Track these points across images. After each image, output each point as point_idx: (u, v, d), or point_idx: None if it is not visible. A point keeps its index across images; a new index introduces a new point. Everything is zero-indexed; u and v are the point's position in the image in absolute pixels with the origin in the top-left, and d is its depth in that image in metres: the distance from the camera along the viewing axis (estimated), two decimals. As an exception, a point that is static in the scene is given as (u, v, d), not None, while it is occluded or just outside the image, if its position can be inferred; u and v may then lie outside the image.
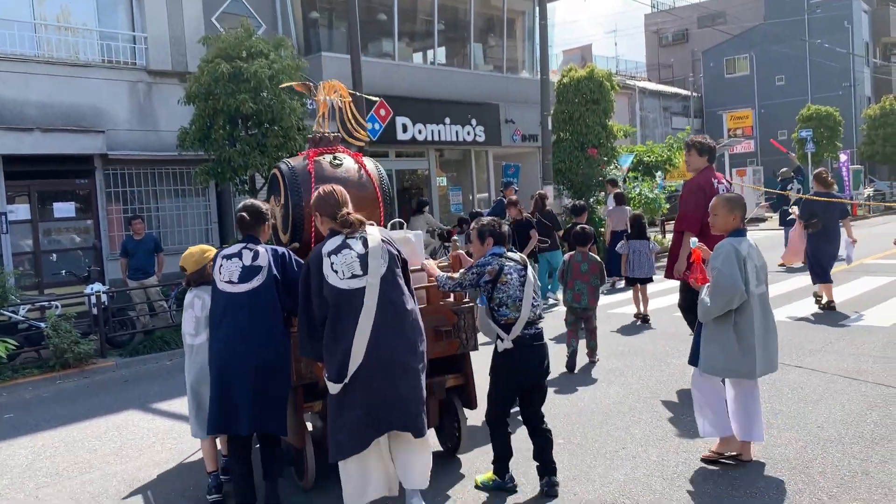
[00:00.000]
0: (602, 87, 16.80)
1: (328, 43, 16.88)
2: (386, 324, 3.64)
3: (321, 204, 3.85)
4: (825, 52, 38.78)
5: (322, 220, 3.87)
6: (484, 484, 4.27)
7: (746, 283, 4.20)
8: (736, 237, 4.35)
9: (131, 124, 12.62)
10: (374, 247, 3.71)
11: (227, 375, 4.01)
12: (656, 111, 36.97)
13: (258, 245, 4.22)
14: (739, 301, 4.20)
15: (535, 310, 4.20)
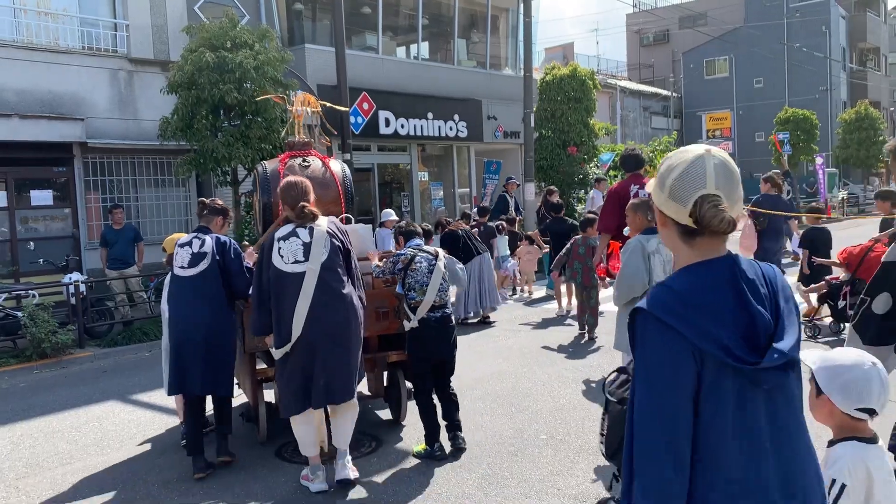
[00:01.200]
0: (584, 86, 16.92)
1: (312, 35, 16.80)
2: (322, 304, 4.15)
3: (284, 193, 4.35)
4: (803, 56, 39.30)
5: (283, 207, 4.38)
6: (418, 453, 4.87)
7: (651, 274, 4.82)
8: (645, 235, 4.96)
9: (111, 112, 12.47)
10: (318, 237, 4.21)
11: (180, 346, 4.76)
12: (636, 111, 37.22)
13: (206, 235, 4.93)
14: (641, 290, 4.71)
15: (442, 295, 4.88)
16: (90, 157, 12.35)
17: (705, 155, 1.72)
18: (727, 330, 1.61)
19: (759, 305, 1.65)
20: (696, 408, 1.61)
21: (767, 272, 1.75)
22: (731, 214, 1.67)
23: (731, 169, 1.72)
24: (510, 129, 19.89)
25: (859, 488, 1.95)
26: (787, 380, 1.67)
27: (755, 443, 1.63)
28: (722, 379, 1.61)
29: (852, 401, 2.01)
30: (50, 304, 9.05)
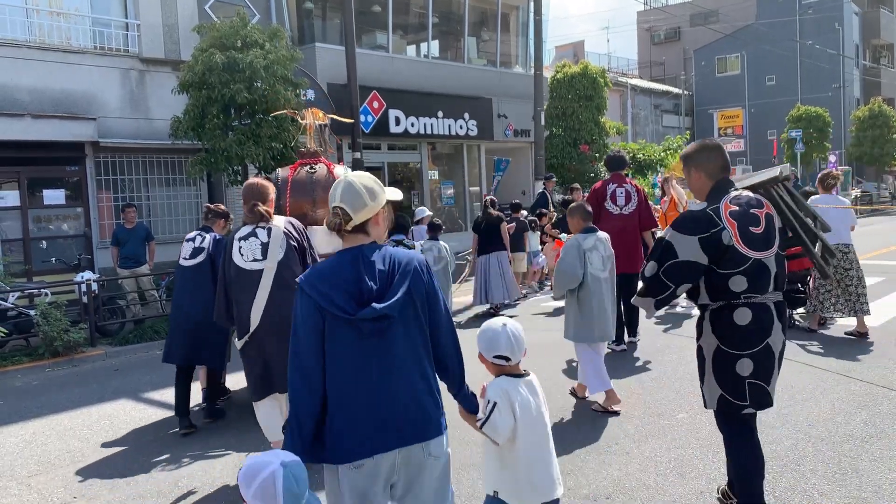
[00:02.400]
0: (595, 84, 16.88)
1: (322, 34, 16.82)
2: (279, 298, 4.38)
3: (244, 193, 4.68)
4: (816, 53, 39.03)
5: (244, 207, 4.66)
6: None
7: (586, 268, 5.43)
8: (582, 234, 5.57)
9: (123, 112, 12.53)
10: (275, 237, 4.51)
11: (173, 323, 5.83)
12: (647, 109, 37.09)
13: (207, 234, 5.94)
14: (575, 283, 5.46)
15: None
16: (102, 157, 12.42)
17: (340, 180, 2.55)
18: (340, 293, 2.41)
19: (370, 278, 2.43)
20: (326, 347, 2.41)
21: (396, 256, 2.51)
22: (347, 220, 2.48)
23: (354, 189, 2.51)
24: (520, 128, 19.85)
25: (506, 405, 2.78)
26: (388, 328, 2.42)
27: (364, 372, 2.40)
28: (337, 327, 2.40)
29: (490, 350, 2.84)
30: (62, 303, 9.10)
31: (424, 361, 2.53)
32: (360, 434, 2.40)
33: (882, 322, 8.24)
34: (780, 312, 3.39)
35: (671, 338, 8.00)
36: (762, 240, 3.31)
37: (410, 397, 2.47)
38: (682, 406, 5.56)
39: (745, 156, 39.58)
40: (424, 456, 2.48)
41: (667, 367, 6.73)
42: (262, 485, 2.06)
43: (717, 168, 3.50)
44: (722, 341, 3.38)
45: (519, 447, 2.79)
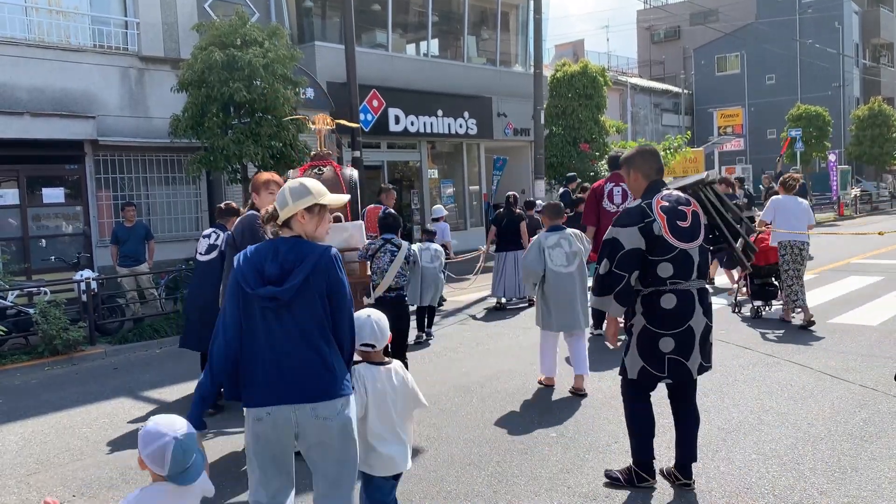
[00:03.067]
0: (595, 83, 16.87)
1: (321, 32, 16.80)
2: None
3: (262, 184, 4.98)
4: (815, 53, 39.01)
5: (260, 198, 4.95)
6: None
7: (547, 263, 5.98)
8: (547, 232, 6.14)
9: (122, 110, 12.52)
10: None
11: (188, 313, 6.65)
12: (647, 108, 37.08)
13: (222, 231, 6.45)
14: (536, 277, 6.05)
15: (399, 280, 5.95)
16: (101, 155, 12.41)
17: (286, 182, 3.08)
18: (251, 271, 2.91)
19: (275, 264, 2.91)
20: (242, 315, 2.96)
21: (306, 250, 2.95)
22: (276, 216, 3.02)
23: (283, 191, 3.01)
24: (520, 126, 19.84)
25: (360, 389, 3.23)
26: (283, 307, 2.89)
27: (263, 340, 2.92)
28: (250, 301, 2.92)
29: (357, 339, 3.16)
30: (62, 301, 9.08)
31: (319, 339, 2.94)
32: (258, 389, 2.93)
33: (881, 321, 8.25)
34: (701, 298, 3.93)
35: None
36: (688, 232, 3.86)
37: (302, 366, 2.90)
38: (681, 405, 5.56)
39: (744, 154, 39.57)
40: (313, 416, 2.89)
41: (666, 366, 6.72)
42: (154, 451, 2.45)
43: (652, 170, 4.05)
44: (649, 322, 3.94)
45: (369, 425, 3.27)
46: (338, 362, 2.97)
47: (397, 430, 3.33)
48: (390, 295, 5.93)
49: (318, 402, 2.89)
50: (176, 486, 2.48)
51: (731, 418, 5.20)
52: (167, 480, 2.48)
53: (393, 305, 5.83)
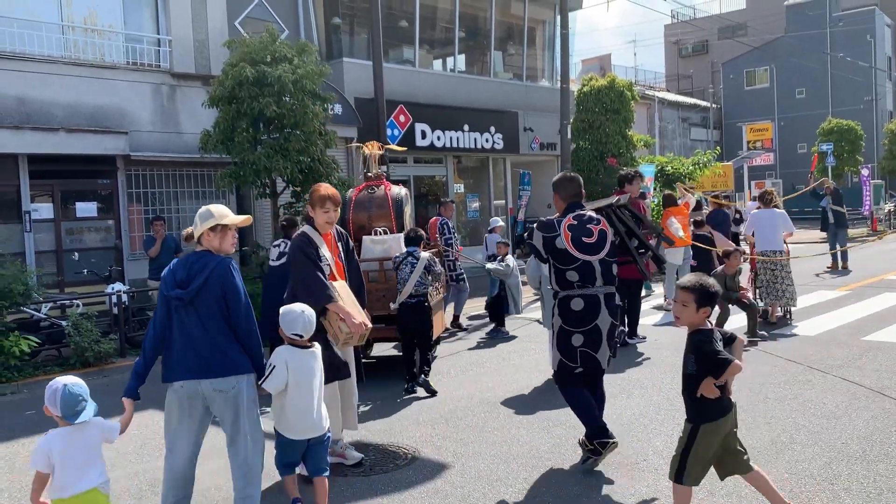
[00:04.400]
0: (623, 97, 16.79)
1: (350, 49, 16.97)
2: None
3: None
4: (847, 66, 38.53)
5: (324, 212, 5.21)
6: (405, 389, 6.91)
7: (541, 270, 6.37)
8: None
9: (154, 126, 12.73)
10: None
11: (264, 309, 7.65)
12: (675, 122, 36.85)
13: (287, 240, 7.56)
14: (535, 283, 6.93)
15: (420, 288, 6.83)
16: (133, 170, 12.61)
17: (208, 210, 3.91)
18: (170, 282, 3.80)
19: (183, 273, 3.79)
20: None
21: (209, 262, 3.80)
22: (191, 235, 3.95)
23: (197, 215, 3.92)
24: (547, 141, 19.81)
25: (282, 368, 3.96)
26: (188, 305, 3.75)
27: (176, 330, 3.77)
28: (171, 302, 3.77)
29: (289, 328, 4.05)
30: (93, 314, 9.22)
31: (217, 330, 3.77)
32: (174, 367, 3.79)
33: (918, 339, 8.07)
34: (607, 301, 4.72)
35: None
36: (592, 247, 4.70)
37: (205, 350, 3.75)
38: (711, 422, 5.48)
39: (774, 169, 39.11)
40: (211, 389, 3.74)
41: (696, 383, 6.63)
42: (49, 396, 3.41)
43: (570, 194, 4.95)
44: (564, 321, 4.74)
45: (290, 397, 4.00)
46: (232, 349, 3.79)
47: (314, 401, 4.05)
48: (411, 301, 6.84)
49: (216, 379, 3.74)
50: (72, 426, 3.38)
51: (763, 437, 5.10)
52: (65, 422, 3.39)
53: (414, 310, 6.88)
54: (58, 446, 3.36)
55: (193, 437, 3.85)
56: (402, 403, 6.55)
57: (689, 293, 3.47)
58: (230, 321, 3.78)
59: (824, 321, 9.24)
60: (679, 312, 3.54)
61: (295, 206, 11.69)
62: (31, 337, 8.54)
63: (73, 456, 3.37)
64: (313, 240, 4.78)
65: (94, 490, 3.42)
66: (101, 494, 3.45)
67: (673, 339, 8.78)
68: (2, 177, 11.42)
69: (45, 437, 3.39)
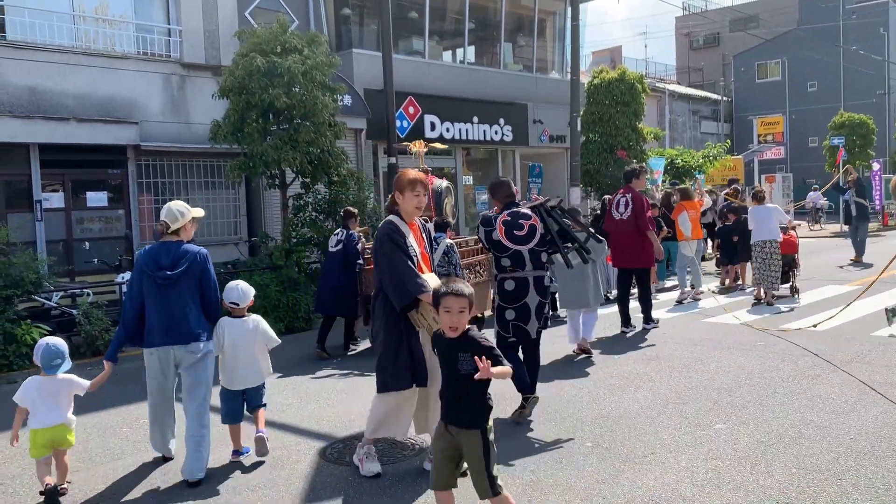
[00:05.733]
0: (633, 90, 16.72)
1: (359, 40, 16.95)
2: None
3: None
4: (859, 59, 38.19)
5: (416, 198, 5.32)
6: None
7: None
8: None
9: (164, 116, 12.76)
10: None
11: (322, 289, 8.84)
12: (685, 115, 36.67)
13: (345, 230, 8.79)
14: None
15: (440, 269, 6.83)
16: (143, 160, 12.65)
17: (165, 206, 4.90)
18: (151, 262, 4.69)
19: (166, 258, 4.70)
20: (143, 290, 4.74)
21: (188, 250, 4.75)
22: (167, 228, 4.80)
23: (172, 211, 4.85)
24: (556, 133, 19.76)
25: (221, 332, 4.95)
26: (172, 284, 4.67)
27: (158, 304, 4.69)
28: (151, 280, 4.68)
29: (227, 298, 5.02)
30: (103, 303, 9.27)
31: (192, 305, 4.76)
32: (154, 335, 4.71)
33: (928, 334, 8.03)
34: (536, 283, 5.62)
35: (707, 349, 7.89)
36: (522, 238, 5.62)
37: (181, 320, 4.71)
38: (719, 416, 5.48)
39: (785, 163, 38.88)
40: (186, 352, 4.74)
41: (703, 378, 6.63)
42: (36, 349, 4.57)
43: (504, 195, 5.94)
44: (500, 299, 5.73)
45: (228, 357, 5.00)
46: (202, 321, 4.81)
47: (247, 360, 5.01)
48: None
49: (189, 343, 4.73)
50: (46, 375, 4.55)
51: (771, 431, 5.10)
52: (43, 372, 4.54)
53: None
54: (33, 388, 4.49)
55: (169, 386, 4.90)
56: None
57: (465, 299, 3.42)
58: (203, 296, 4.81)
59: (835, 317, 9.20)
60: (459, 321, 3.43)
61: (304, 197, 11.71)
62: (42, 325, 8.60)
63: (45, 399, 4.50)
64: (401, 228, 4.58)
65: (62, 425, 4.55)
66: (67, 429, 4.59)
67: (681, 333, 8.78)
68: (13, 166, 11.49)
69: (27, 380, 4.54)
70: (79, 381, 4.63)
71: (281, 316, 10.07)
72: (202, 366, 4.81)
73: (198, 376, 4.79)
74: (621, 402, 6.01)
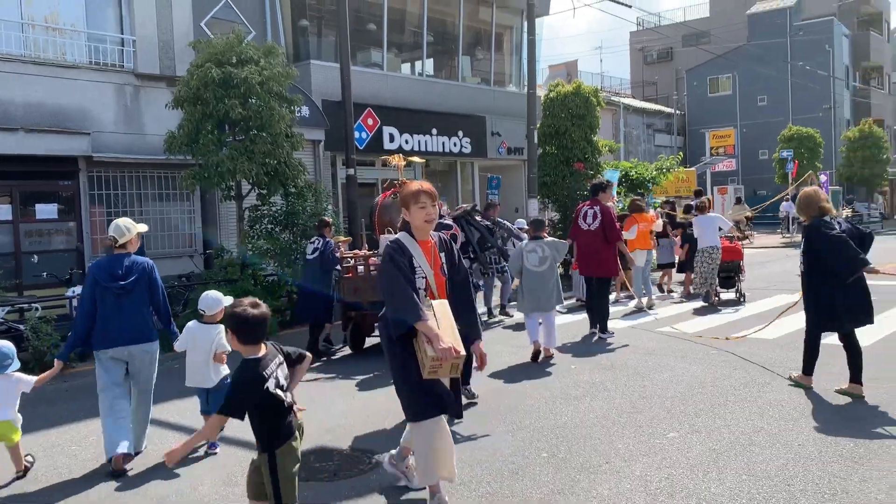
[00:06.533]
0: (588, 103, 16.92)
1: (317, 51, 16.90)
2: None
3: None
4: (806, 75, 39.35)
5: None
6: None
7: (523, 265, 8.16)
8: (529, 241, 8.31)
9: (117, 127, 12.53)
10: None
11: (300, 297, 9.69)
12: (640, 128, 37.31)
13: (321, 238, 9.22)
14: (516, 273, 8.47)
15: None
16: (95, 171, 12.41)
17: (112, 223, 5.49)
18: (104, 273, 5.28)
19: (119, 269, 5.30)
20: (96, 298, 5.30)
21: (136, 261, 5.39)
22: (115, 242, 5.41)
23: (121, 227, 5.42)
24: (514, 146, 19.94)
25: (187, 336, 5.39)
26: (125, 292, 5.27)
27: (112, 310, 5.25)
28: (105, 289, 5.26)
29: (199, 304, 5.44)
30: (53, 318, 9.04)
31: (144, 310, 5.37)
32: (109, 337, 5.25)
33: (872, 342, 8.28)
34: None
35: (662, 358, 8.01)
36: None
37: (134, 324, 5.29)
38: (672, 425, 5.57)
39: (737, 175, 39.78)
40: (139, 351, 5.33)
41: (658, 387, 6.73)
42: None
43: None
44: None
45: (189, 357, 5.44)
46: (150, 324, 5.38)
47: (201, 363, 5.37)
48: None
49: (141, 344, 5.32)
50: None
51: (723, 438, 5.20)
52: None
53: None
54: None
55: (119, 385, 5.36)
56: (367, 402, 6.53)
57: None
58: (153, 301, 5.42)
59: (783, 325, 9.43)
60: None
61: (260, 209, 11.61)
62: (-13, 341, 8.35)
63: None
64: (406, 247, 4.14)
65: (8, 422, 4.97)
66: (13, 427, 5.00)
67: (637, 342, 8.90)
68: (-42, 177, 11.17)
69: None
70: (27, 379, 5.07)
71: (237, 330, 9.94)
72: (152, 364, 5.46)
73: (145, 372, 5.42)
74: (577, 411, 6.07)
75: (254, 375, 3.35)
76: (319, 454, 5.29)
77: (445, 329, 3.95)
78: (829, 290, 6.07)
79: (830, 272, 6.03)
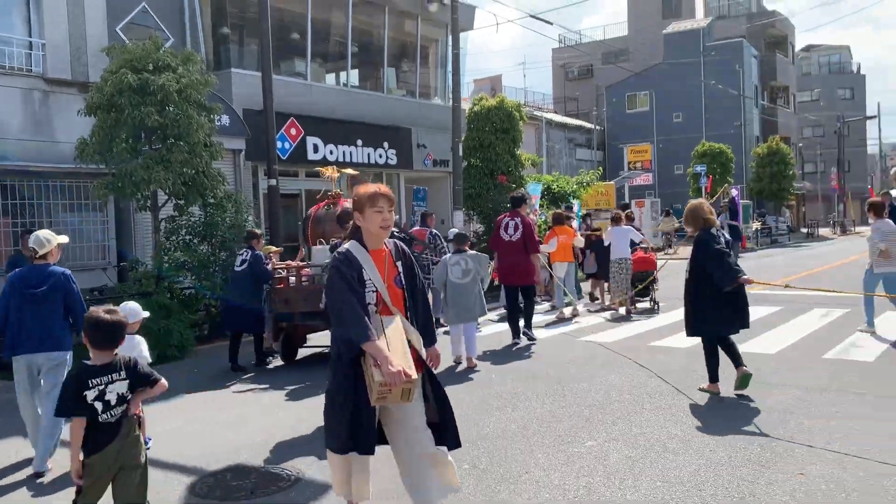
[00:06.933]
0: (511, 117, 17.20)
1: (238, 59, 16.62)
2: None
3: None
4: (719, 93, 41.06)
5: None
6: None
7: (448, 275, 8.49)
8: (453, 255, 8.70)
9: (25, 134, 11.99)
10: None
11: (226, 308, 9.41)
12: (562, 142, 38.08)
13: (250, 250, 9.08)
14: (442, 284, 8.60)
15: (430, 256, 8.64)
16: (1, 180, 11.81)
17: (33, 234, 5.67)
18: (22, 283, 5.46)
19: (35, 278, 5.44)
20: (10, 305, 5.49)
21: (53, 271, 5.45)
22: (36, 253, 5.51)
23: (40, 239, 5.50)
24: (439, 158, 20.05)
25: (131, 346, 4.97)
26: (40, 300, 5.39)
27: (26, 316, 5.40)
28: (23, 296, 5.41)
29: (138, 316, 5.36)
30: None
31: (57, 318, 5.45)
32: (23, 344, 5.41)
33: (778, 349, 8.66)
34: None
35: (581, 367, 8.17)
36: None
37: (47, 331, 5.42)
38: (590, 433, 5.68)
39: (653, 189, 41.05)
40: (47, 359, 5.46)
41: (577, 396, 6.86)
42: None
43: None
44: None
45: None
46: (66, 332, 5.51)
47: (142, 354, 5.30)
48: None
49: (51, 352, 5.46)
50: None
51: (639, 445, 5.33)
52: None
53: None
54: None
55: (33, 390, 5.55)
56: (291, 415, 6.41)
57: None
58: (70, 310, 5.49)
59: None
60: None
61: (177, 220, 11.29)
62: None
63: None
64: (355, 259, 3.72)
65: None
66: None
67: (559, 351, 9.05)
68: None
69: None
70: None
71: (152, 345, 9.57)
72: (60, 371, 5.49)
73: (55, 380, 5.42)
74: (499, 422, 6.12)
75: (77, 380, 3.57)
76: (236, 472, 5.17)
77: (396, 350, 3.57)
78: (711, 298, 6.59)
79: (712, 281, 6.53)
